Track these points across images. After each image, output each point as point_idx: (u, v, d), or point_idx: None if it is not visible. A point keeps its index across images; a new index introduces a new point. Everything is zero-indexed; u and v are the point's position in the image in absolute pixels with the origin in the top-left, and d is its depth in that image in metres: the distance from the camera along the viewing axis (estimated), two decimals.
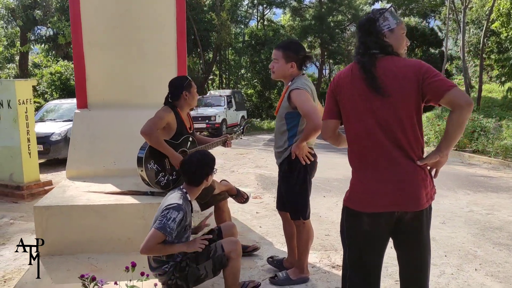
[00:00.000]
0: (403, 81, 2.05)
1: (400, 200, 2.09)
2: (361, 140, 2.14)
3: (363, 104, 2.10)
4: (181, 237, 2.72)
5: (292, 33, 30.90)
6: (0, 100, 6.84)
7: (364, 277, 2.26)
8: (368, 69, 2.09)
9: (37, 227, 3.39)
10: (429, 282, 2.27)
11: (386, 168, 2.10)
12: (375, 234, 2.19)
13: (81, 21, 4.41)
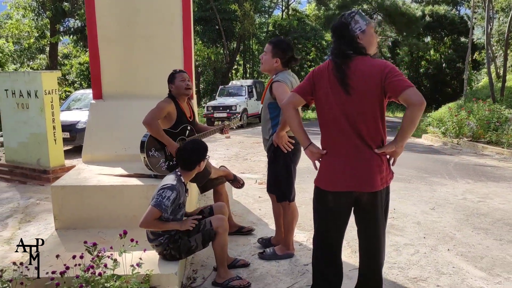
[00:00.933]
0: (369, 79, 2.35)
1: (357, 182, 2.42)
2: (329, 126, 2.47)
3: (333, 97, 2.42)
4: (176, 214, 3.10)
5: (317, 22, 30.86)
6: (28, 91, 7.37)
7: (327, 249, 2.60)
8: (340, 69, 2.40)
9: (54, 204, 3.85)
10: (384, 253, 2.58)
11: (348, 154, 2.42)
12: (337, 211, 2.53)
13: (96, 19, 4.83)
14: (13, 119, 7.66)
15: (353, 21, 2.47)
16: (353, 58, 2.40)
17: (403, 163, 8.18)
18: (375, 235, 2.54)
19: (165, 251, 3.14)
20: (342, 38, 2.46)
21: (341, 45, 2.44)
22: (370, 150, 2.41)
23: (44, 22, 20.20)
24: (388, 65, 2.39)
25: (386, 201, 2.57)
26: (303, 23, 29.03)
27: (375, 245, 2.56)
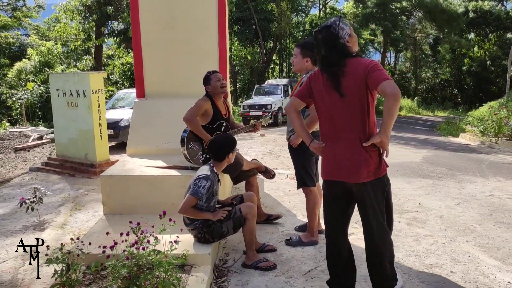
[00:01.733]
0: (357, 77, 2.63)
1: (345, 173, 2.71)
2: (326, 124, 2.80)
3: (328, 98, 2.72)
4: (209, 201, 3.46)
5: (354, 21, 30.71)
6: (77, 90, 7.94)
7: (330, 233, 2.91)
8: (336, 76, 2.67)
9: (102, 192, 4.31)
10: (386, 238, 2.82)
11: (340, 147, 2.73)
12: (332, 198, 2.87)
13: (140, 25, 5.27)
14: (64, 117, 8.27)
15: (340, 29, 2.74)
16: (346, 63, 2.67)
17: (435, 161, 8.27)
18: (372, 221, 2.76)
19: (200, 234, 3.51)
20: (334, 48, 2.72)
21: (333, 54, 2.70)
22: (359, 144, 2.66)
23: (90, 25, 21.23)
24: (371, 61, 2.66)
25: (383, 190, 2.78)
26: None
27: (372, 230, 2.79)
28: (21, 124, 15.39)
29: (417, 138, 13.07)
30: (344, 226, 2.92)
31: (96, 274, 3.25)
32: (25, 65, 19.02)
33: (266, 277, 3.38)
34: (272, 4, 24.78)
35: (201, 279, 3.18)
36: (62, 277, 2.90)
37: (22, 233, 4.93)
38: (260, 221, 4.55)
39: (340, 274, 2.94)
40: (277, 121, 17.51)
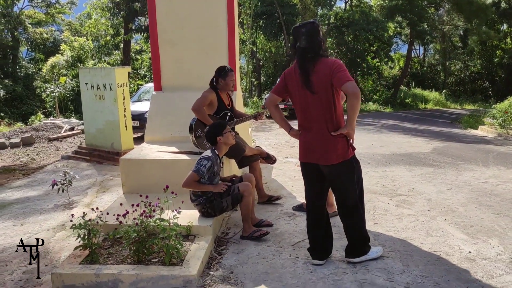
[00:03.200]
0: (324, 76, 3.11)
1: (317, 156, 3.24)
2: (300, 114, 3.32)
3: (301, 92, 3.21)
4: (212, 180, 3.97)
5: (380, 13, 30.54)
6: (104, 84, 8.57)
7: (311, 204, 3.41)
8: (305, 73, 3.16)
9: (121, 173, 4.90)
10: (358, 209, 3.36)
11: (312, 135, 3.23)
12: (309, 176, 3.40)
13: (156, 24, 5.81)
14: (92, 109, 8.94)
15: (319, 27, 3.24)
16: (316, 61, 3.14)
17: (444, 151, 8.54)
18: (344, 193, 3.34)
19: (203, 209, 4.03)
20: (312, 42, 3.19)
21: (312, 48, 3.16)
22: (328, 132, 3.18)
23: (119, 21, 22.08)
24: (335, 62, 3.16)
25: (351, 169, 3.30)
26: (365, 15, 28.86)
27: (343, 203, 3.37)
28: (54, 116, 16.31)
29: (434, 130, 13.24)
30: (321, 198, 3.41)
31: (113, 241, 3.81)
32: (58, 60, 20.01)
33: (260, 246, 3.88)
34: None
35: (202, 246, 3.69)
36: (84, 240, 3.47)
37: (54, 211, 5.58)
38: (262, 201, 5.05)
39: (319, 240, 3.41)
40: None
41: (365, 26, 26.47)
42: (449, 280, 3.06)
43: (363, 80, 31.32)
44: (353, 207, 3.33)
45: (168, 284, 3.24)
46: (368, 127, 13.84)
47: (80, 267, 3.39)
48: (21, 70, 28.22)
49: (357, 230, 3.37)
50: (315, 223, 3.43)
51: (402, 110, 25.97)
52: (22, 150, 11.04)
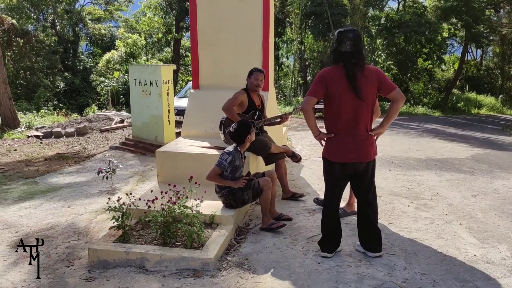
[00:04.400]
0: (371, 83, 3.35)
1: (356, 155, 3.41)
2: (339, 116, 3.47)
3: (347, 96, 3.39)
4: (234, 174, 4.30)
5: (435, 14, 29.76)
6: (150, 80, 9.12)
7: (335, 202, 3.63)
8: (354, 78, 3.36)
9: (157, 164, 5.35)
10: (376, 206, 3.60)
11: (351, 135, 3.42)
12: (343, 176, 3.59)
13: (197, 26, 6.21)
14: (139, 103, 9.53)
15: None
16: (363, 67, 3.36)
17: (482, 159, 8.44)
18: (368, 190, 3.60)
19: (226, 200, 4.37)
20: (359, 48, 3.42)
21: (357, 54, 3.38)
22: (367, 132, 3.39)
23: (171, 20, 22.95)
24: (379, 70, 3.38)
25: (373, 168, 3.58)
26: (418, 16, 28.23)
27: (368, 198, 3.62)
28: (107, 109, 17.29)
29: (479, 137, 12.94)
30: (341, 196, 3.70)
31: (144, 224, 4.23)
32: (113, 56, 21.10)
33: (276, 238, 4.17)
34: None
35: (222, 234, 4.03)
36: (118, 221, 3.89)
37: (98, 196, 6.12)
38: (286, 197, 5.33)
39: (332, 233, 3.66)
40: None
41: (416, 28, 25.94)
42: (446, 279, 3.22)
43: (413, 83, 30.69)
44: (376, 203, 3.64)
45: (188, 265, 3.60)
46: (409, 131, 13.71)
47: (113, 245, 3.82)
48: (80, 64, 29.89)
49: (377, 230, 3.66)
50: (332, 217, 3.66)
51: (452, 114, 25.24)
52: (76, 139, 11.88)
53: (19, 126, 13.42)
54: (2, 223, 5.16)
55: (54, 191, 6.62)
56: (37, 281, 3.62)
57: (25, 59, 22.16)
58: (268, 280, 3.36)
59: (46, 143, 11.45)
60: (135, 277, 3.53)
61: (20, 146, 11.20)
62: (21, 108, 17.38)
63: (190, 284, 3.39)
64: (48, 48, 24.58)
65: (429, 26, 26.56)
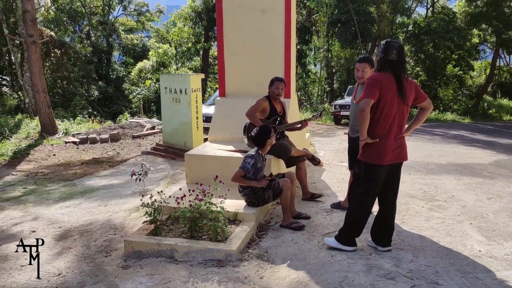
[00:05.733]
0: (410, 90, 3.73)
1: (400, 155, 3.81)
2: (387, 120, 3.73)
3: (396, 101, 3.70)
4: (256, 175, 4.66)
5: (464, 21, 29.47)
6: (180, 89, 9.61)
7: (368, 210, 3.94)
8: (402, 84, 3.69)
9: (186, 166, 5.79)
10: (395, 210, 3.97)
11: (393, 138, 3.74)
12: (381, 178, 3.85)
13: (223, 37, 6.64)
14: (169, 110, 10.03)
15: None
16: (405, 75, 3.70)
17: (505, 165, 8.52)
18: (396, 189, 3.98)
19: (249, 199, 4.74)
20: (403, 58, 3.76)
21: (403, 63, 3.73)
22: (402, 134, 3.80)
23: (200, 30, 23.65)
24: (415, 82, 3.78)
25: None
26: (446, 22, 28.04)
27: (394, 197, 3.97)
28: (139, 116, 17.98)
29: (505, 143, 12.87)
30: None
31: (174, 219, 4.63)
32: (145, 65, 21.91)
33: (295, 234, 4.50)
34: (372, 7, 25.04)
35: (245, 230, 4.40)
36: (150, 216, 4.31)
37: (131, 196, 6.59)
38: (305, 198, 5.65)
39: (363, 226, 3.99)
40: None
41: (445, 35, 25.79)
42: (449, 270, 3.47)
43: (442, 89, 30.39)
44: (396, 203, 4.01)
45: (212, 256, 3.98)
46: (434, 137, 13.76)
47: (146, 237, 4.24)
48: (113, 73, 31.01)
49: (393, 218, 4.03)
50: (366, 219, 3.96)
51: (483, 121, 24.89)
52: (110, 145, 12.50)
53: (57, 133, 14.18)
54: (46, 220, 5.68)
55: (91, 192, 7.14)
56: (79, 267, 4.07)
57: (62, 69, 23.26)
58: (284, 270, 3.69)
59: (82, 148, 12.12)
60: (165, 265, 3.93)
61: (58, 151, 11.91)
62: (58, 115, 18.28)
63: (214, 272, 3.76)
64: (83, 58, 25.69)
65: (457, 33, 26.35)
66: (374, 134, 3.74)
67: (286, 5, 6.35)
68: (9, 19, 20.05)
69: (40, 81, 13.87)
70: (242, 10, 6.55)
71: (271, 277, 3.60)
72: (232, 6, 6.59)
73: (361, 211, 3.92)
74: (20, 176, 9.05)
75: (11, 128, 15.67)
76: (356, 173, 3.98)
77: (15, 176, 9.05)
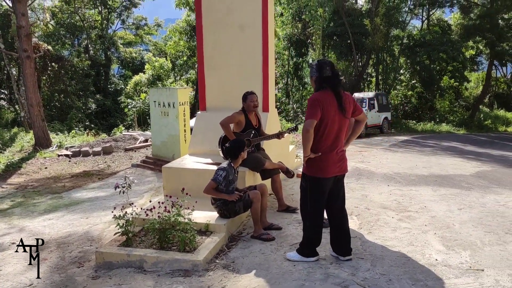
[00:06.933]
0: (348, 104, 3.90)
1: (341, 168, 3.98)
2: (329, 135, 3.90)
3: (337, 116, 3.87)
4: (228, 187, 4.80)
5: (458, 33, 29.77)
6: (168, 102, 9.81)
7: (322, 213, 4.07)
8: (341, 98, 3.87)
9: (163, 179, 5.91)
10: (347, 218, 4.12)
11: (337, 151, 3.91)
12: (326, 190, 4.02)
13: (203, 52, 6.83)
14: (158, 124, 10.22)
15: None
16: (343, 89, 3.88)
17: (487, 175, 8.64)
18: (343, 199, 4.14)
19: (220, 211, 4.87)
20: (338, 73, 3.93)
21: (339, 77, 3.90)
22: (343, 147, 3.98)
23: (195, 43, 23.96)
24: (351, 95, 3.92)
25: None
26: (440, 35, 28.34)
27: (343, 206, 4.13)
28: (133, 129, 18.19)
29: (494, 155, 12.98)
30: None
31: (147, 231, 4.76)
32: (141, 78, 22.19)
33: (263, 245, 4.62)
34: (367, 20, 25.36)
35: (214, 240, 4.53)
36: (122, 227, 4.44)
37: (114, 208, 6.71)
38: (281, 209, 5.77)
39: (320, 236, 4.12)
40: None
41: (438, 47, 26.06)
42: (401, 278, 3.59)
43: (438, 101, 30.57)
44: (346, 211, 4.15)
45: (180, 266, 4.11)
46: (425, 149, 13.89)
47: (117, 248, 4.37)
48: (111, 86, 31.35)
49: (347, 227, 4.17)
50: (320, 226, 4.09)
51: (478, 132, 25.02)
52: (102, 157, 12.67)
53: (51, 146, 14.38)
54: (28, 232, 5.82)
55: (76, 205, 7.29)
56: (51, 278, 4.19)
57: (60, 83, 23.56)
58: (247, 279, 3.82)
59: (74, 161, 12.30)
60: (133, 276, 4.06)
61: (50, 164, 12.08)
62: (54, 129, 18.50)
63: (180, 282, 3.89)
64: (81, 72, 26.02)
65: (451, 45, 26.61)
66: (318, 149, 3.91)
67: (264, 21, 6.55)
68: (7, 35, 20.39)
69: (34, 95, 14.10)
70: (221, 26, 6.76)
71: (233, 286, 3.72)
72: (211, 22, 6.79)
73: (314, 223, 4.07)
74: (10, 189, 9.22)
75: (6, 142, 15.90)
76: (303, 186, 4.12)
77: (5, 189, 9.21)
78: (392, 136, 19.24)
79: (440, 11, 34.33)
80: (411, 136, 19.01)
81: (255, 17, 6.61)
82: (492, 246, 4.38)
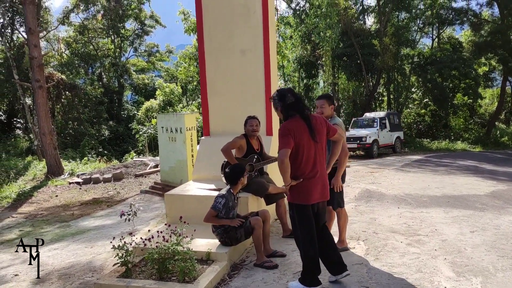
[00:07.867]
0: (321, 127, 3.83)
1: (323, 194, 3.81)
2: (308, 162, 3.85)
3: (310, 143, 3.84)
4: (228, 214, 4.70)
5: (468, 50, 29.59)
6: (175, 128, 9.82)
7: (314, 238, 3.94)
8: (310, 124, 3.82)
9: (166, 206, 5.84)
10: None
11: (318, 178, 3.82)
12: (311, 216, 3.94)
13: (206, 78, 6.83)
14: (166, 149, 10.22)
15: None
16: (311, 112, 3.84)
17: (502, 195, 8.37)
18: (324, 218, 4.09)
19: (222, 238, 4.76)
20: (300, 98, 3.98)
21: (303, 101, 3.90)
22: (325, 172, 3.89)
23: None
24: (323, 117, 3.97)
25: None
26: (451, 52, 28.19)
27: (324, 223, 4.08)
28: (144, 155, 18.26)
29: (511, 172, 12.66)
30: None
31: (147, 262, 4.66)
32: (152, 104, 22.41)
33: (266, 273, 4.48)
34: (375, 40, 25.38)
35: (215, 270, 4.40)
36: (121, 258, 4.36)
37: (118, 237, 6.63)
38: (286, 235, 5.63)
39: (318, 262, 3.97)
40: (371, 153, 17.98)
41: (449, 64, 25.88)
42: None
43: (453, 118, 30.20)
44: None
45: None
46: (439, 168, 13.59)
47: (116, 280, 4.28)
48: (124, 112, 31.72)
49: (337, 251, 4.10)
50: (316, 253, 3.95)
51: (494, 149, 24.54)
52: (112, 184, 12.69)
53: (63, 174, 14.47)
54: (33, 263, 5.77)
55: (82, 233, 7.24)
56: None
57: (73, 111, 23.92)
58: None
59: (84, 188, 12.33)
60: None
61: (61, 192, 12.13)
62: (67, 156, 18.68)
63: None
64: (94, 100, 26.41)
65: (462, 62, 26.42)
66: (299, 176, 3.85)
67: (265, 45, 6.54)
68: (21, 65, 20.87)
69: (47, 123, 14.29)
70: (223, 51, 6.77)
71: None
72: (213, 47, 6.82)
73: (310, 250, 3.92)
74: (19, 219, 9.23)
75: (20, 170, 16.05)
76: (291, 215, 4.04)
77: (15, 219, 9.24)
78: (405, 155, 18.96)
79: (451, 28, 34.25)
80: (425, 155, 18.69)
81: (256, 42, 6.62)
82: (505, 272, 4.17)
